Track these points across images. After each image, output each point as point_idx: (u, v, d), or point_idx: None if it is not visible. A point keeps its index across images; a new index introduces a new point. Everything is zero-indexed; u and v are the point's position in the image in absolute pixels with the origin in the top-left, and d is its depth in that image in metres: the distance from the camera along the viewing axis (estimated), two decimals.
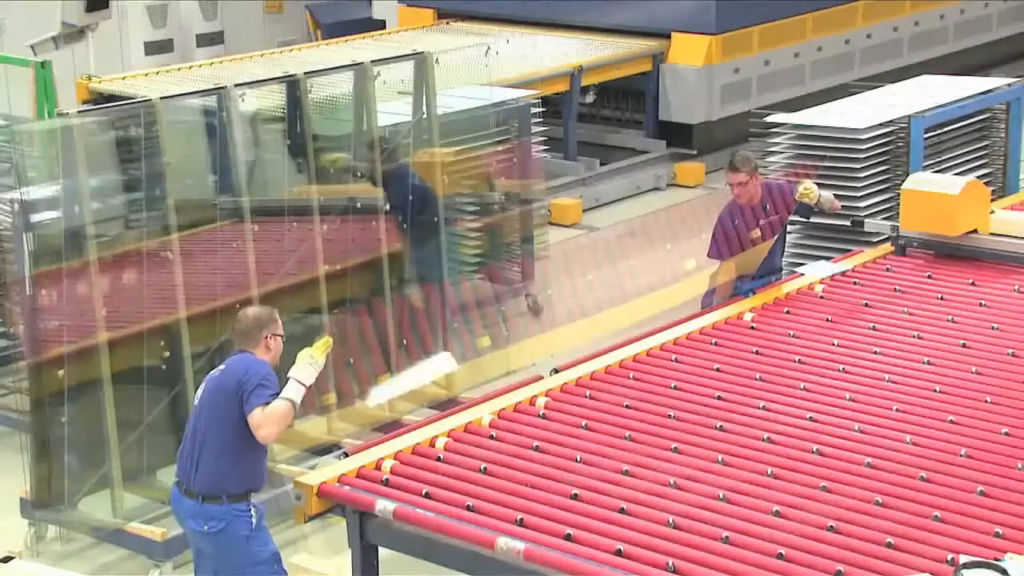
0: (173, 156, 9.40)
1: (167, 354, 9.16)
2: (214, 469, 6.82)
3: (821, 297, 9.97)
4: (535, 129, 12.24)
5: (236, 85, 10.23)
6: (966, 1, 19.48)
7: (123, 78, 14.97)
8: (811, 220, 11.05)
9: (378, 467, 7.73)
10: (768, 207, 10.13)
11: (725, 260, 10.29)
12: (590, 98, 16.75)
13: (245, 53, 17.15)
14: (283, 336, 7.42)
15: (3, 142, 9.85)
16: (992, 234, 10.53)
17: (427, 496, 7.41)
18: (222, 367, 7.07)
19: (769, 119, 11.63)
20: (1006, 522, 7.00)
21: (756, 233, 10.16)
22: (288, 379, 7.07)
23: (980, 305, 9.73)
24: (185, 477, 6.95)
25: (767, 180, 10.38)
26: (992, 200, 10.97)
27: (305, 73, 10.44)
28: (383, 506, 7.30)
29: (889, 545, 6.85)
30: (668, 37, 16.62)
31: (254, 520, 6.96)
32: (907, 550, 6.80)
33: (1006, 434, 7.95)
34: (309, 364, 7.08)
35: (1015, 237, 10.49)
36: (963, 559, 6.41)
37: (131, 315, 9.02)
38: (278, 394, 7.04)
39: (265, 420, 6.89)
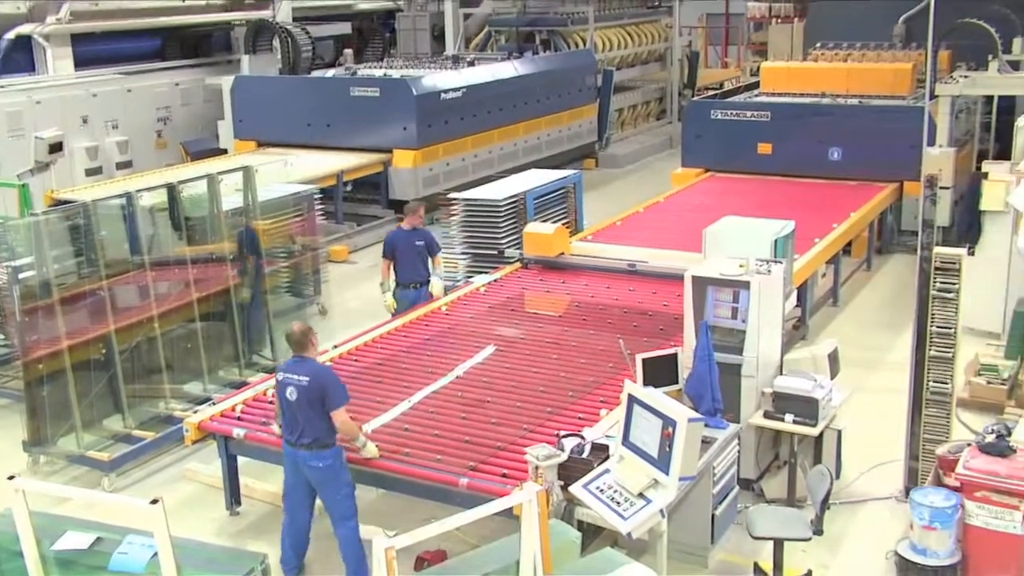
0: (103, 233, 8.89)
1: (104, 351, 8.61)
2: (317, 431, 6.32)
3: (484, 293, 9.99)
4: (317, 207, 11.93)
5: (138, 190, 9.78)
6: (550, 129, 19.88)
7: (72, 190, 14.08)
8: (464, 253, 11.02)
9: (234, 409, 7.48)
10: (417, 235, 9.96)
11: (386, 256, 9.94)
12: (349, 188, 16.43)
13: (144, 171, 16.38)
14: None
15: (2, 232, 9.15)
16: (572, 255, 10.72)
17: (263, 424, 7.17)
18: (304, 378, 6.33)
19: (450, 196, 11.58)
20: (585, 414, 7.15)
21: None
22: (364, 437, 6.60)
23: (567, 294, 9.90)
24: (296, 438, 6.38)
25: (424, 227, 10.18)
26: (571, 235, 11.15)
27: (179, 181, 10.00)
28: (237, 432, 7.10)
29: (527, 430, 6.92)
30: (391, 152, 16.45)
31: (342, 458, 6.46)
32: (537, 431, 6.91)
33: (583, 363, 8.05)
34: (364, 447, 6.52)
35: (584, 256, 10.72)
36: (562, 433, 6.53)
37: (81, 329, 8.48)
38: (346, 390, 6.48)
39: (342, 424, 6.37)
